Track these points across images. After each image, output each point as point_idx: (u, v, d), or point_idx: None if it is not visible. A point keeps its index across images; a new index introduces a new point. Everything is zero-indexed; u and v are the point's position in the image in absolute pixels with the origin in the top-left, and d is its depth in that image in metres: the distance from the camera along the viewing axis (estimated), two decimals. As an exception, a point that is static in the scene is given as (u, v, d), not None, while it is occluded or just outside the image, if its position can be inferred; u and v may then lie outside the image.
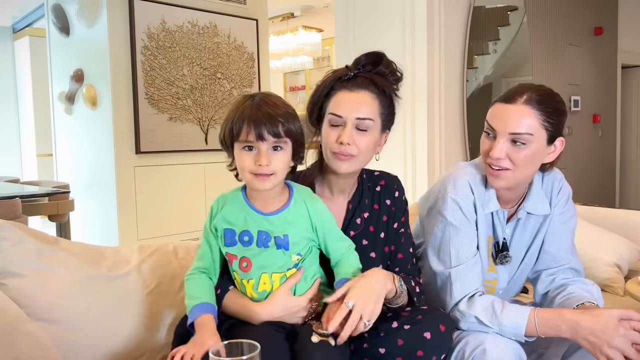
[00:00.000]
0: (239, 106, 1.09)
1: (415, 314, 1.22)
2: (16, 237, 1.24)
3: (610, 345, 1.06)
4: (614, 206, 5.31)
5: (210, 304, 1.12)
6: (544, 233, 1.37)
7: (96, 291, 1.30)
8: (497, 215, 1.34)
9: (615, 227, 2.20)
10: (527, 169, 1.23)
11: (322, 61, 7.28)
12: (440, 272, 1.30)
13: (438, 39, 3.00)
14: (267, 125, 1.04)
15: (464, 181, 1.29)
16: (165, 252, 1.48)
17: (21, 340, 1.03)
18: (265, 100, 1.08)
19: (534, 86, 1.23)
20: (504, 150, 1.20)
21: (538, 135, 1.19)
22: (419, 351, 1.15)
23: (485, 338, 1.19)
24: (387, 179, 1.36)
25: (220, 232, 1.16)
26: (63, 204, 3.35)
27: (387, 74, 1.25)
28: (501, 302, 1.22)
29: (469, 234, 1.29)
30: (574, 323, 1.11)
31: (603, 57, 5.37)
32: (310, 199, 1.18)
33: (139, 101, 3.79)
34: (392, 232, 1.31)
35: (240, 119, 1.06)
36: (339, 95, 1.23)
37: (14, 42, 6.79)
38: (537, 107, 1.19)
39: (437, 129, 3.06)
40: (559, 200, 1.36)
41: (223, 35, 4.27)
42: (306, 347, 1.04)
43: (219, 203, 1.19)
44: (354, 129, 1.20)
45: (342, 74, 1.25)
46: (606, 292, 1.96)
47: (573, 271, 1.36)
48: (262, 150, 1.06)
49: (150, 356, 1.34)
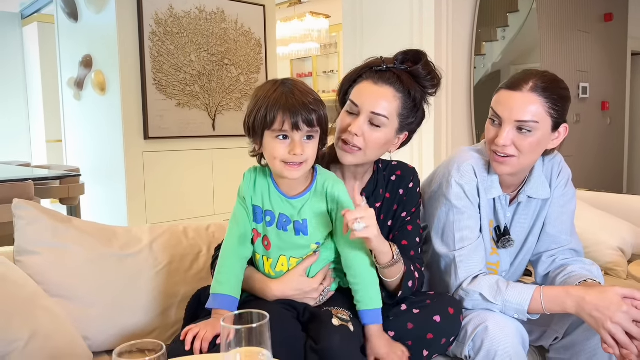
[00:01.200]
0: (269, 94, 1.05)
1: (423, 298, 1.25)
2: (31, 216, 1.28)
3: (613, 320, 1.08)
4: (621, 193, 5.30)
5: (232, 296, 1.11)
6: (545, 216, 1.38)
7: (109, 269, 1.34)
8: (499, 200, 1.35)
9: (620, 213, 2.21)
10: (532, 156, 1.25)
11: (329, 48, 7.26)
12: (444, 254, 1.32)
13: (446, 25, 2.99)
14: (302, 115, 1.02)
15: (467, 165, 1.31)
16: (176, 232, 1.52)
17: (40, 314, 1.07)
18: (297, 88, 1.05)
19: (539, 72, 1.24)
20: (510, 138, 1.21)
21: (543, 123, 1.20)
22: (429, 334, 1.17)
23: (488, 316, 1.22)
24: (404, 170, 1.34)
25: (249, 206, 1.17)
26: (74, 188, 3.40)
27: (423, 76, 1.22)
28: (506, 282, 1.25)
29: (472, 217, 1.31)
30: (580, 299, 1.14)
31: (613, 44, 5.32)
32: (331, 183, 1.15)
33: (147, 87, 3.82)
34: (399, 220, 1.30)
35: (275, 107, 1.03)
36: (363, 84, 1.22)
37: (23, 29, 6.82)
38: (543, 95, 1.20)
39: (444, 116, 3.07)
40: (559, 182, 1.38)
41: (230, 21, 4.28)
42: (327, 328, 1.06)
43: (251, 174, 1.18)
44: (367, 122, 1.19)
45: (375, 64, 1.23)
46: (609, 276, 1.98)
47: (573, 252, 1.38)
48: (296, 139, 1.04)
49: (161, 332, 1.38)
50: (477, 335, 1.20)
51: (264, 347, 0.74)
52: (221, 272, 1.14)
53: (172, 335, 1.36)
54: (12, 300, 1.04)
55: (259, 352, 0.74)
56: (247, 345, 0.74)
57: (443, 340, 1.20)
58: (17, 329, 0.99)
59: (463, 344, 1.23)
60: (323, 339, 1.04)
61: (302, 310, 1.15)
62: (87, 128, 4.37)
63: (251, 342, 0.73)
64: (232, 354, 0.74)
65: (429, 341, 1.17)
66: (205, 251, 1.51)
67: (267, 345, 0.74)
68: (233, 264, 1.15)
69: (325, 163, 1.29)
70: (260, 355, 0.74)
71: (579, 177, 4.78)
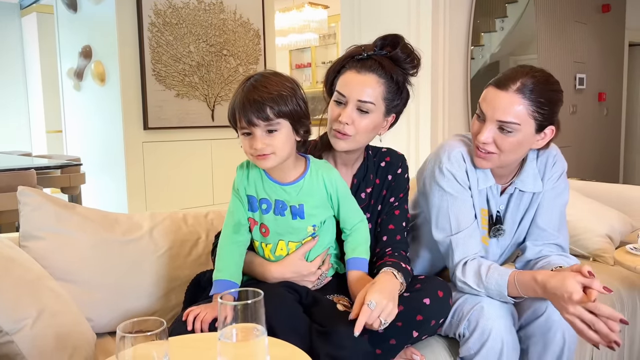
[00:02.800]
0: (236, 92, 1.12)
1: (414, 282, 1.29)
2: (36, 202, 1.33)
3: (568, 312, 1.10)
4: (618, 183, 5.35)
5: (232, 281, 1.17)
6: (536, 208, 1.39)
7: (111, 254, 1.39)
8: (491, 189, 1.38)
9: (611, 202, 2.26)
10: (513, 155, 1.26)
11: (328, 38, 7.26)
12: (441, 240, 1.35)
13: (443, 14, 3.01)
14: (254, 112, 1.07)
15: (457, 152, 1.33)
16: (176, 219, 1.56)
17: (46, 293, 1.11)
18: (256, 85, 1.09)
19: (531, 71, 1.22)
20: (491, 136, 1.23)
21: (526, 125, 1.21)
22: (419, 316, 1.21)
23: (483, 297, 1.27)
24: (393, 156, 1.40)
25: (243, 196, 1.22)
26: (75, 177, 3.44)
27: (403, 59, 1.26)
28: (487, 266, 1.27)
29: (466, 202, 1.33)
30: (543, 285, 1.15)
31: (610, 35, 5.34)
32: (326, 170, 1.22)
33: (146, 77, 3.85)
34: (387, 204, 1.36)
35: (236, 106, 1.09)
36: (347, 74, 1.26)
37: (22, 19, 6.82)
38: (529, 97, 1.18)
39: (441, 107, 3.10)
40: (552, 174, 1.38)
41: (229, 11, 4.29)
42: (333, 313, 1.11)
43: (243, 167, 1.23)
44: (355, 110, 1.24)
45: (356, 53, 1.27)
46: (597, 262, 2.03)
47: (558, 247, 1.38)
48: (256, 134, 1.09)
49: (162, 314, 1.43)
50: (472, 315, 1.24)
51: (258, 322, 0.79)
52: (220, 260, 1.20)
53: (173, 317, 1.41)
54: (20, 280, 1.09)
55: (253, 327, 0.79)
56: (243, 321, 0.79)
57: (432, 322, 1.24)
58: (25, 307, 1.03)
59: (458, 323, 1.28)
60: (330, 324, 1.08)
61: (305, 293, 1.19)
62: (87, 118, 4.40)
63: (246, 318, 0.78)
64: (228, 329, 0.78)
65: (419, 322, 1.22)
66: (204, 237, 1.56)
67: (261, 321, 0.79)
68: (231, 251, 1.21)
69: (318, 151, 1.34)
70: (255, 330, 0.79)
71: (575, 167, 4.84)
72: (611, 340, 1.05)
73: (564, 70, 4.68)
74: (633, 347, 1.88)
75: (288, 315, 1.09)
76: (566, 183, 1.41)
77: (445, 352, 1.35)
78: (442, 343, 1.37)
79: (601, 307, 1.05)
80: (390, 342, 1.24)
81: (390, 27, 1.29)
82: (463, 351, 1.27)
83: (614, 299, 1.79)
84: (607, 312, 1.05)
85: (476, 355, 1.22)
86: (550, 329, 1.25)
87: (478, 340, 1.22)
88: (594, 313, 1.06)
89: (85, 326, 1.17)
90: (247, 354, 0.79)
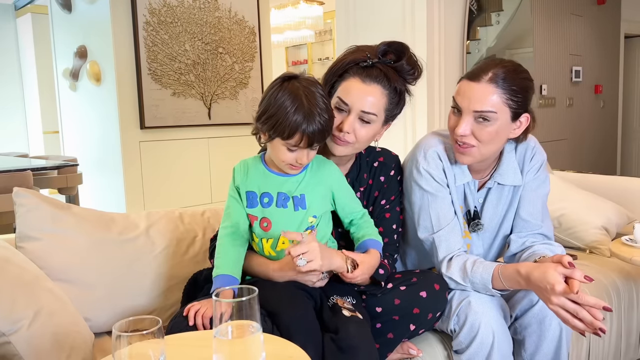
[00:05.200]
0: (289, 108, 1.10)
1: (410, 276, 1.30)
2: (32, 203, 1.33)
3: (552, 303, 1.10)
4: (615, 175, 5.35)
5: (232, 276, 1.17)
6: (518, 201, 1.40)
7: (108, 253, 1.39)
8: (468, 185, 1.39)
9: (607, 193, 2.26)
10: (492, 145, 1.27)
11: (324, 35, 7.25)
12: (425, 239, 1.36)
13: (438, 8, 3.01)
14: (319, 138, 1.13)
15: (432, 152, 1.34)
16: (172, 217, 1.56)
17: (43, 294, 1.12)
18: (318, 106, 1.11)
19: (500, 62, 1.25)
20: (469, 128, 1.24)
21: (502, 113, 1.22)
22: (415, 309, 1.22)
23: (470, 291, 1.28)
24: (387, 157, 1.39)
25: (243, 194, 1.23)
26: (72, 177, 3.44)
27: (407, 70, 1.26)
28: (473, 261, 1.28)
29: (445, 199, 1.35)
30: (527, 277, 1.16)
31: (606, 27, 5.34)
32: (325, 164, 1.25)
33: (142, 77, 3.84)
34: (378, 207, 1.36)
35: (295, 127, 1.10)
36: (351, 81, 1.24)
37: (17, 20, 6.80)
38: (501, 85, 1.21)
39: (437, 103, 3.10)
40: (532, 167, 1.39)
41: (224, 9, 4.28)
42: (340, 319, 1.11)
43: (241, 168, 1.24)
44: (357, 119, 1.24)
45: (360, 59, 1.25)
46: (594, 254, 2.03)
47: (543, 237, 1.39)
48: (304, 152, 1.14)
49: (160, 313, 1.43)
50: (461, 310, 1.26)
51: (253, 320, 0.79)
52: (219, 258, 1.20)
53: (170, 315, 1.41)
54: (16, 281, 1.09)
55: (248, 324, 0.79)
56: (238, 318, 0.79)
57: (429, 315, 1.25)
58: (22, 308, 1.04)
59: (448, 318, 1.29)
60: (339, 330, 1.09)
61: (317, 298, 1.19)
62: (83, 118, 4.40)
63: (241, 316, 0.78)
64: (223, 326, 0.79)
65: (415, 316, 1.23)
66: (200, 236, 1.56)
67: (256, 318, 0.79)
68: (229, 249, 1.21)
69: None
70: (250, 327, 0.79)
71: (573, 160, 4.85)
72: (596, 328, 1.06)
73: (560, 63, 4.67)
74: (630, 339, 1.89)
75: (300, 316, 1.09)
76: (546, 174, 1.42)
77: (441, 345, 1.36)
78: (437, 337, 1.38)
79: (584, 297, 1.06)
80: (388, 336, 1.25)
81: (384, 24, 1.28)
82: (455, 345, 1.28)
83: (610, 290, 1.80)
84: (591, 302, 1.05)
85: (468, 349, 1.23)
86: (546, 317, 1.26)
87: (468, 334, 1.23)
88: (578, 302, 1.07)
89: (83, 326, 1.17)
90: (242, 350, 0.79)
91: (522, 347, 1.32)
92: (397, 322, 1.23)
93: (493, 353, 1.21)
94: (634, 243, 1.68)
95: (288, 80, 1.14)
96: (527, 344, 1.30)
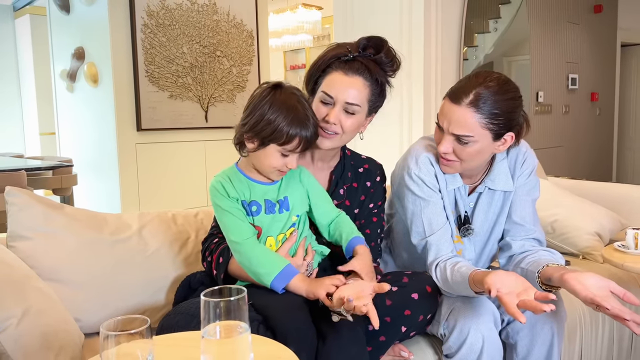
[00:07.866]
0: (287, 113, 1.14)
1: (400, 277, 1.30)
2: (23, 203, 1.33)
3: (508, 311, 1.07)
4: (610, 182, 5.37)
5: (289, 264, 1.17)
6: (509, 206, 1.40)
7: (100, 254, 1.38)
8: (459, 190, 1.39)
9: (601, 200, 2.27)
10: (475, 162, 1.28)
11: (322, 39, 7.27)
12: (417, 243, 1.37)
13: (435, 16, 3.02)
14: (312, 142, 1.20)
15: (424, 158, 1.35)
16: (165, 219, 1.56)
17: (32, 293, 1.11)
18: (309, 111, 1.19)
19: (484, 81, 1.21)
20: (450, 146, 1.25)
21: (481, 136, 1.22)
22: (407, 310, 1.23)
23: (458, 297, 1.28)
24: (372, 165, 1.44)
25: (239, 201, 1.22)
26: (67, 178, 3.43)
27: (386, 62, 1.30)
28: (452, 266, 1.26)
29: (437, 204, 1.35)
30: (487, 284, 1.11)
31: (602, 35, 5.37)
32: (298, 168, 1.26)
33: (139, 79, 3.84)
34: (366, 210, 1.39)
35: (295, 131, 1.14)
36: (333, 75, 1.28)
37: (15, 21, 6.80)
38: (482, 109, 1.19)
39: (434, 108, 3.10)
40: (523, 172, 1.39)
41: (222, 13, 4.29)
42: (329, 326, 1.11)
43: (225, 181, 1.23)
44: (342, 110, 1.27)
45: (342, 54, 1.29)
46: (587, 260, 2.04)
47: (536, 241, 1.39)
48: (295, 157, 1.19)
49: (150, 314, 1.42)
50: (450, 315, 1.26)
51: (242, 320, 0.79)
52: (263, 257, 1.17)
53: (162, 316, 1.39)
54: (5, 280, 1.08)
55: (237, 325, 0.79)
56: (226, 318, 0.79)
57: (420, 317, 1.25)
58: (10, 307, 1.03)
59: (438, 322, 1.29)
60: (329, 335, 1.09)
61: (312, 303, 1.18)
62: (80, 120, 4.39)
63: (229, 316, 0.78)
64: (211, 327, 0.79)
65: (407, 317, 1.23)
66: (193, 237, 1.56)
67: (244, 319, 0.79)
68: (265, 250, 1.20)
69: None
70: (238, 327, 0.79)
71: (568, 167, 4.86)
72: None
73: (557, 70, 4.70)
74: (622, 344, 1.89)
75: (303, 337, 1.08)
76: (537, 179, 1.42)
77: (431, 349, 1.36)
78: (428, 341, 1.38)
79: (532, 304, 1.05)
80: (380, 339, 1.24)
81: (382, 28, 1.31)
82: (445, 349, 1.28)
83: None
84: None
85: (457, 353, 1.24)
86: (537, 321, 1.27)
87: (457, 339, 1.23)
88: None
89: (72, 326, 1.16)
90: (230, 351, 0.79)
91: (514, 352, 1.32)
92: (388, 324, 1.23)
93: (482, 358, 1.21)
94: (626, 249, 1.68)
95: (278, 89, 1.18)
96: (518, 348, 1.30)
